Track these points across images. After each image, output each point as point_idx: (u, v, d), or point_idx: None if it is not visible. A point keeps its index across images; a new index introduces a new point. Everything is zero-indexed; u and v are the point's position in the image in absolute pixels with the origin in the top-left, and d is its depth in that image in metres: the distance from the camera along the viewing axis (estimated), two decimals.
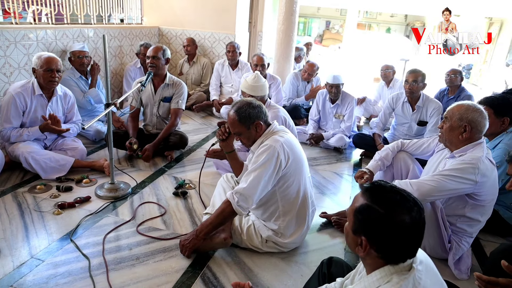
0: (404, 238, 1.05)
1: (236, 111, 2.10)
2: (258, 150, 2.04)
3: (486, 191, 2.06)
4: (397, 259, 1.08)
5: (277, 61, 5.56)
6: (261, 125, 2.10)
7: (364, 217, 1.09)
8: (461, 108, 2.10)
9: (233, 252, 2.21)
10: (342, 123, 4.17)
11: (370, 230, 1.08)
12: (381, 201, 1.07)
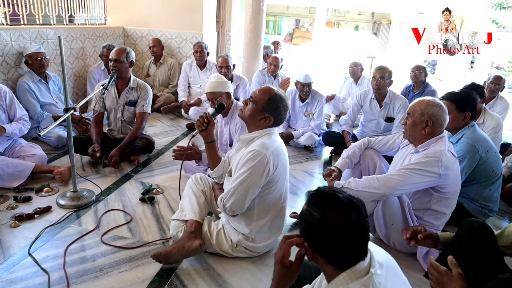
0: (343, 241, 1.02)
1: (275, 94, 2.01)
2: (247, 155, 1.96)
3: (449, 183, 2.10)
4: (344, 264, 1.05)
5: (246, 60, 5.52)
6: (270, 121, 2.02)
7: (304, 222, 1.09)
8: (421, 104, 2.14)
9: (202, 258, 2.15)
10: (312, 122, 4.18)
11: (310, 234, 1.07)
12: (315, 205, 1.06)
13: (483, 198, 2.64)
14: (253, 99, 2.04)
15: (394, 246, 2.30)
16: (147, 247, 2.24)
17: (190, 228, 2.09)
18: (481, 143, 2.57)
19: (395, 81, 3.99)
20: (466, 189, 2.62)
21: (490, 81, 4.21)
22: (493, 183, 2.65)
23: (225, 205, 1.99)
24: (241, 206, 1.99)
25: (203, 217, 2.18)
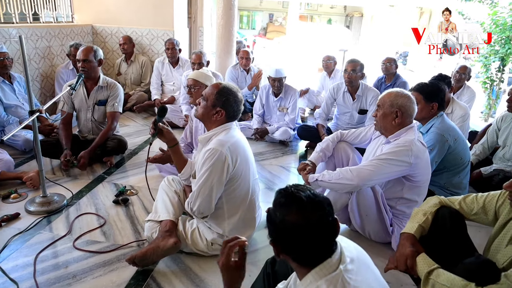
0: (305, 240, 1.02)
1: (223, 87, 2.01)
2: (204, 155, 1.95)
3: (420, 172, 2.15)
4: (310, 262, 1.05)
5: (219, 56, 5.47)
6: (222, 115, 2.01)
7: (269, 222, 1.10)
8: (390, 95, 2.18)
9: (178, 259, 2.12)
10: (286, 116, 4.19)
11: (274, 233, 1.08)
12: (277, 205, 1.08)
13: (453, 186, 2.72)
14: (203, 97, 2.03)
15: (369, 237, 2.34)
16: (122, 250, 2.19)
17: (165, 228, 2.06)
18: (450, 132, 2.64)
19: (368, 73, 4.05)
20: (437, 178, 2.69)
21: (456, 70, 4.33)
22: (462, 170, 2.73)
23: (193, 209, 1.98)
24: (208, 207, 1.98)
25: (177, 217, 2.16)
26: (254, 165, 2.19)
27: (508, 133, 3.25)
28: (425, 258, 1.55)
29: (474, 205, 1.73)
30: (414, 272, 1.56)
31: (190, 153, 2.98)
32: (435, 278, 1.45)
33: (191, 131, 3.05)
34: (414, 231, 1.67)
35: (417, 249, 1.61)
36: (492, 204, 1.68)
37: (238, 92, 2.05)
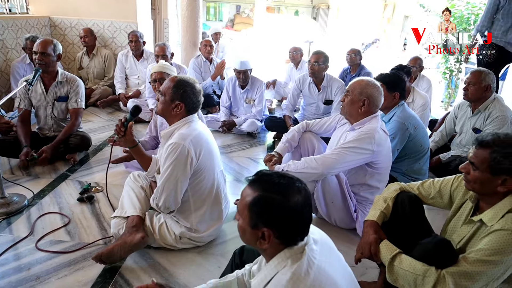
0: (300, 218, 1.09)
1: (179, 80, 1.99)
2: (167, 150, 1.93)
3: (382, 159, 2.23)
4: (295, 240, 1.11)
5: (185, 48, 5.39)
6: (182, 108, 1.99)
7: (262, 208, 1.08)
8: (361, 83, 2.24)
9: (147, 254, 2.10)
10: (253, 108, 4.20)
11: (271, 219, 1.08)
12: (273, 188, 1.08)
13: (414, 172, 2.83)
14: (161, 92, 2.02)
15: (335, 223, 2.40)
16: (88, 248, 2.15)
17: (132, 223, 2.04)
18: (410, 120, 2.74)
19: (336, 64, 4.11)
20: (398, 164, 2.79)
21: (410, 61, 4.48)
22: (422, 157, 2.85)
23: (158, 204, 1.97)
24: (174, 202, 1.97)
25: (144, 212, 2.14)
26: (218, 156, 2.20)
27: (464, 121, 3.41)
28: (387, 245, 1.61)
29: (431, 189, 1.81)
30: (378, 259, 1.61)
31: (156, 148, 2.94)
32: (398, 264, 1.51)
33: (155, 125, 3.01)
34: (376, 218, 1.73)
35: (380, 235, 1.67)
36: (447, 188, 1.77)
37: (195, 83, 2.03)
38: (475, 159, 1.49)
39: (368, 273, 2.07)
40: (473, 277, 1.38)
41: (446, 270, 1.41)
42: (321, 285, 1.04)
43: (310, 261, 1.07)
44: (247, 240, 1.16)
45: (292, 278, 1.03)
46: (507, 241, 1.38)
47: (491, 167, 1.44)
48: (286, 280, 1.03)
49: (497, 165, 1.43)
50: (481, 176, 1.47)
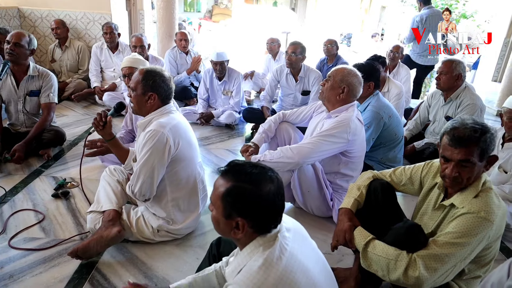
0: (272, 207, 1.11)
1: (146, 71, 1.97)
2: (145, 136, 1.92)
3: (356, 148, 2.27)
4: (269, 228, 1.13)
5: (161, 40, 5.31)
6: (155, 98, 1.97)
7: (235, 198, 1.09)
8: (344, 71, 2.27)
9: (124, 248, 2.09)
10: (231, 100, 4.18)
11: (244, 208, 1.09)
12: (245, 178, 1.09)
13: (389, 160, 2.89)
14: (132, 88, 2.00)
15: (312, 212, 2.44)
16: (64, 244, 2.12)
17: (108, 217, 2.02)
18: (384, 109, 2.79)
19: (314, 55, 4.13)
20: (374, 153, 2.85)
21: (390, 50, 4.57)
22: (396, 145, 2.91)
23: (134, 191, 1.95)
24: (150, 189, 1.96)
25: (121, 206, 2.12)
26: (197, 148, 2.19)
27: (437, 109, 3.49)
28: (361, 231, 1.64)
29: (402, 176, 1.86)
30: (353, 245, 1.65)
31: (132, 142, 2.91)
32: (372, 250, 1.55)
33: (131, 118, 2.97)
34: (350, 205, 1.77)
35: (354, 223, 1.70)
36: (417, 174, 1.82)
37: (163, 71, 2.02)
38: (469, 156, 1.45)
39: (344, 260, 2.12)
40: (442, 259, 1.44)
41: (417, 254, 1.46)
42: (292, 271, 1.07)
43: (282, 247, 1.09)
44: (221, 230, 1.17)
45: (264, 264, 1.05)
46: (473, 223, 1.44)
47: (480, 156, 1.46)
48: (258, 266, 1.05)
49: (484, 153, 1.46)
50: (474, 170, 1.48)
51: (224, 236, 1.20)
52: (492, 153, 1.52)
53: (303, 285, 1.07)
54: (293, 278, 1.06)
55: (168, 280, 1.89)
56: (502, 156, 2.59)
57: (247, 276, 1.05)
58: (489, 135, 1.46)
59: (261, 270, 1.04)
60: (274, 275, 1.04)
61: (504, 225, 1.54)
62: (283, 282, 1.04)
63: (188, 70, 4.85)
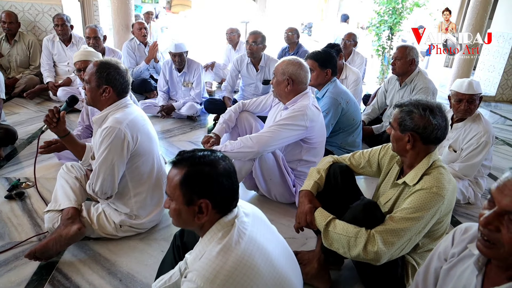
0: (230, 183, 1.14)
1: (101, 63, 1.91)
2: (102, 134, 1.86)
3: (315, 134, 2.32)
4: (230, 207, 1.16)
5: (117, 32, 5.13)
6: (110, 92, 1.91)
7: (194, 181, 1.11)
8: (282, 64, 2.30)
9: (85, 246, 2.04)
10: (192, 91, 4.13)
11: (205, 189, 1.11)
12: (199, 161, 1.12)
13: (348, 144, 2.98)
14: (86, 80, 1.94)
15: (275, 199, 2.48)
16: (21, 247, 2.03)
17: (67, 215, 1.96)
18: (342, 95, 2.87)
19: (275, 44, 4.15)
20: (334, 138, 2.93)
21: (342, 38, 4.70)
22: (355, 130, 3.00)
23: (95, 190, 1.91)
24: (111, 186, 1.93)
25: (80, 203, 2.06)
26: (157, 140, 2.16)
27: (393, 94, 3.62)
28: (322, 212, 1.69)
29: (361, 159, 1.93)
30: (314, 226, 1.70)
31: (91, 137, 2.81)
32: (332, 229, 1.60)
33: (87, 114, 2.87)
34: (310, 188, 1.81)
35: (315, 204, 1.75)
36: (375, 157, 1.89)
37: (119, 64, 1.96)
38: (392, 119, 1.65)
39: (308, 243, 2.18)
40: (399, 233, 1.51)
41: (375, 230, 1.53)
42: (251, 255, 1.09)
43: (240, 232, 1.11)
44: (183, 221, 1.17)
45: (223, 249, 1.07)
46: (426, 199, 1.52)
47: (400, 124, 1.60)
48: (216, 251, 1.06)
49: (403, 122, 1.58)
50: (396, 135, 1.62)
51: (186, 228, 1.20)
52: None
53: (263, 267, 1.09)
54: (252, 261, 1.08)
55: (133, 275, 1.87)
56: (451, 136, 2.73)
57: (206, 262, 1.06)
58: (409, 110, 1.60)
59: (220, 255, 1.06)
60: (233, 259, 1.06)
61: (454, 199, 1.64)
62: (241, 265, 1.05)
63: (146, 59, 4.73)
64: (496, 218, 0.89)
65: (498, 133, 4.51)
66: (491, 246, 0.91)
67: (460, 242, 1.16)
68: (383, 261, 1.53)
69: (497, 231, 0.89)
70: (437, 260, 1.23)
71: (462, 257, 1.13)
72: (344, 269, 2.01)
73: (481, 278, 1.02)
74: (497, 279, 0.96)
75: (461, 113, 2.61)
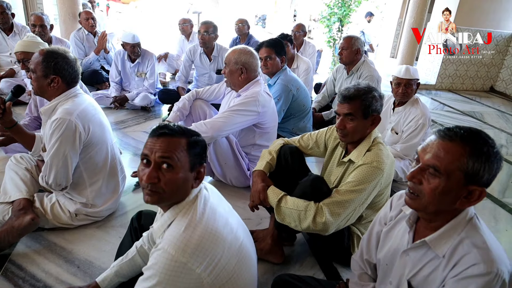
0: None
1: (47, 52, 1.84)
2: (52, 125, 1.83)
3: (268, 119, 2.43)
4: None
5: (64, 21, 4.94)
6: (59, 82, 1.86)
7: (197, 150, 1.18)
8: (234, 53, 2.37)
9: (40, 237, 2.01)
10: (145, 81, 4.09)
11: (205, 156, 1.20)
12: (193, 134, 1.19)
13: (299, 130, 3.12)
14: (31, 70, 1.88)
15: (231, 183, 2.57)
16: None
17: (18, 207, 1.92)
18: (292, 82, 2.99)
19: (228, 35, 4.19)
20: (285, 124, 3.06)
21: (292, 30, 4.86)
22: (305, 116, 3.15)
23: (48, 182, 1.89)
24: (65, 178, 1.92)
25: (32, 194, 2.02)
26: (110, 129, 2.15)
27: (342, 82, 3.81)
28: (274, 190, 1.80)
29: (309, 141, 2.06)
30: (267, 203, 1.80)
31: (39, 129, 2.74)
32: (284, 205, 1.71)
33: (36, 105, 2.79)
34: (263, 168, 1.92)
35: (267, 183, 1.85)
36: (322, 138, 2.03)
37: (67, 53, 1.91)
38: (351, 110, 1.71)
39: (263, 223, 2.29)
40: (344, 204, 1.65)
41: (322, 202, 1.66)
42: (215, 224, 1.16)
43: (204, 203, 1.19)
44: (182, 190, 1.17)
45: (191, 220, 1.13)
46: (367, 172, 1.67)
47: (364, 112, 1.71)
48: (186, 222, 1.13)
49: (367, 108, 1.70)
50: (358, 124, 1.72)
51: (169, 200, 1.17)
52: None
53: (226, 235, 1.18)
54: (217, 229, 1.16)
55: (91, 261, 1.88)
56: (393, 119, 2.95)
57: (176, 232, 1.12)
58: (371, 95, 1.70)
59: (189, 225, 1.12)
60: (200, 228, 1.13)
61: (393, 173, 1.81)
62: (208, 233, 1.13)
63: (95, 50, 4.58)
64: (419, 172, 1.04)
65: (437, 118, 4.89)
66: (415, 198, 1.06)
67: (397, 206, 1.31)
68: (331, 231, 1.67)
69: (420, 184, 1.04)
70: (378, 224, 1.38)
71: (398, 219, 1.28)
72: (297, 244, 2.14)
73: (412, 234, 1.17)
74: (425, 232, 1.12)
75: (399, 96, 2.83)
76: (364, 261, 1.42)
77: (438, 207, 1.04)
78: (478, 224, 1.05)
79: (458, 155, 0.98)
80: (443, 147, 1.01)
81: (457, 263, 1.01)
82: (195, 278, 1.08)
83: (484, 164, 0.97)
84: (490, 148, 0.98)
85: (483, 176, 0.98)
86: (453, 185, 1.00)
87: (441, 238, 1.06)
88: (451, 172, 0.99)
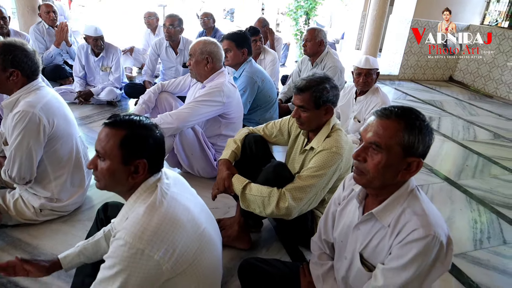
0: (162, 148, 1.26)
1: (4, 45, 1.79)
2: (14, 118, 1.80)
3: (233, 109, 2.48)
4: (159, 169, 1.27)
5: (22, 15, 4.77)
6: (18, 75, 1.81)
7: (135, 143, 1.18)
8: (199, 44, 2.39)
9: (3, 233, 1.98)
10: (111, 76, 4.03)
11: (144, 151, 1.19)
12: (139, 125, 1.20)
13: (265, 120, 3.13)
14: None
15: (198, 174, 2.60)
16: None
17: None
18: (258, 74, 3.04)
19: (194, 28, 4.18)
20: (252, 115, 3.11)
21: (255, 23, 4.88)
22: (271, 106, 3.21)
23: (12, 176, 1.87)
24: (29, 171, 1.90)
25: None
26: (75, 122, 2.13)
27: (307, 73, 3.89)
28: (238, 178, 1.85)
29: (273, 129, 2.12)
30: (232, 191, 1.85)
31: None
32: (248, 192, 1.77)
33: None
34: (228, 156, 1.96)
35: (232, 171, 1.90)
36: (285, 125, 2.10)
37: (25, 45, 1.86)
38: (303, 102, 1.79)
39: (230, 211, 2.35)
40: (305, 189, 1.72)
41: (285, 188, 1.73)
42: (174, 211, 1.20)
43: (163, 192, 1.21)
44: (116, 180, 1.21)
45: (148, 207, 1.16)
46: (327, 157, 1.75)
47: (315, 103, 1.78)
48: (143, 210, 1.15)
49: (318, 100, 1.77)
50: (311, 114, 1.79)
51: (114, 188, 1.24)
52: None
53: (185, 222, 1.21)
54: (176, 216, 1.19)
55: None
56: (356, 108, 3.06)
57: (134, 220, 1.14)
58: (322, 86, 1.77)
59: (146, 213, 1.15)
60: (158, 216, 1.15)
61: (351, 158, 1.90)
62: (166, 221, 1.16)
63: (55, 42, 4.40)
64: (363, 150, 1.13)
65: None
66: (361, 174, 1.16)
67: (348, 186, 1.40)
68: (294, 215, 1.74)
69: (364, 162, 1.13)
70: (333, 205, 1.46)
71: (350, 198, 1.37)
72: (264, 230, 2.22)
73: (362, 209, 1.26)
74: (372, 206, 1.21)
75: (360, 85, 2.94)
76: (322, 241, 1.50)
77: (382, 181, 1.13)
78: (418, 194, 1.16)
79: (395, 131, 1.08)
80: (381, 124, 1.11)
81: (400, 231, 1.11)
82: (154, 265, 1.10)
83: (417, 136, 1.08)
84: (422, 122, 1.09)
85: (418, 147, 1.09)
86: (394, 158, 1.09)
87: (386, 209, 1.16)
88: (391, 147, 1.09)
